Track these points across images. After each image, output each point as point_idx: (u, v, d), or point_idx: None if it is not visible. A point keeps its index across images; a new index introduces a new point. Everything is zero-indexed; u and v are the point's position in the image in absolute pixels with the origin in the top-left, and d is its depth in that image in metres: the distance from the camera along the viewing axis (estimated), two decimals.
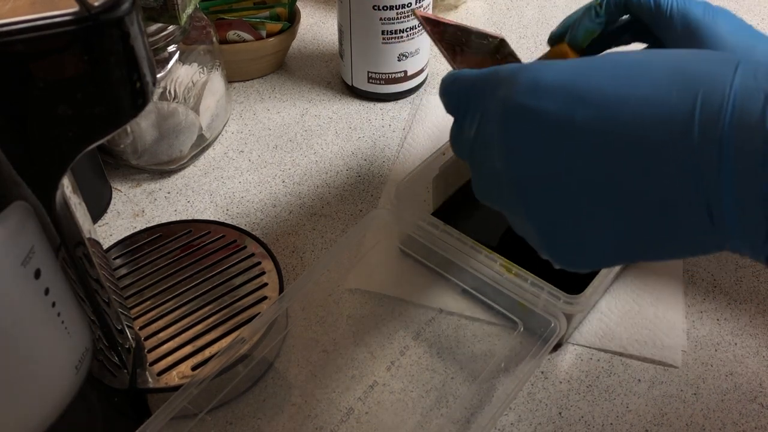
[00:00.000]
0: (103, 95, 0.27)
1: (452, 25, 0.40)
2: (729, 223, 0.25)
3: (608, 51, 0.43)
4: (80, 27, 0.25)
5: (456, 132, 0.33)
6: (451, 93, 0.33)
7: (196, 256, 0.49)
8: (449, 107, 0.34)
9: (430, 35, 0.40)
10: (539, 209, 0.29)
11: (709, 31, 0.36)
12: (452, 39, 0.40)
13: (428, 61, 0.67)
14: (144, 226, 0.52)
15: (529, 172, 0.28)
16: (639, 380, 0.44)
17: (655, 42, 0.42)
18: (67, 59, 0.25)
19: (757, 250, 0.25)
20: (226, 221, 0.54)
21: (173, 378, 0.41)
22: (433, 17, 0.40)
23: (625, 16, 0.43)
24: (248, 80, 0.69)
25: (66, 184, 0.31)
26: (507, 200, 0.31)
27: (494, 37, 0.41)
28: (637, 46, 0.42)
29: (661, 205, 0.26)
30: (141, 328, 0.44)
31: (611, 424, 0.42)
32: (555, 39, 0.44)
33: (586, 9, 0.42)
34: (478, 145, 0.31)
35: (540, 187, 0.28)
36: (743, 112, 0.24)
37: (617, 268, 0.45)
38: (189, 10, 0.51)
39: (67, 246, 0.31)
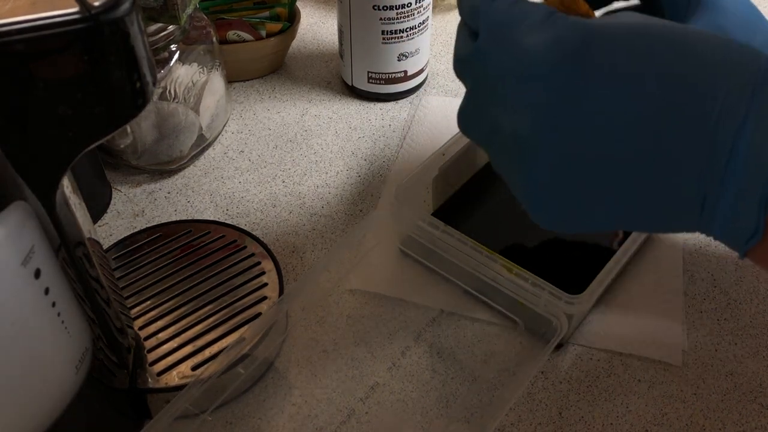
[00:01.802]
0: (103, 95, 0.27)
1: None
2: (719, 216, 0.26)
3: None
4: (80, 27, 0.25)
5: (475, 48, 0.31)
6: (490, 2, 0.31)
7: (196, 256, 0.49)
8: (479, 16, 0.31)
9: None
10: (549, 164, 0.29)
11: (715, 5, 0.36)
12: None
13: (428, 61, 0.67)
14: (144, 226, 0.52)
15: (559, 120, 0.28)
16: (639, 380, 0.44)
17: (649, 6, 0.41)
18: (67, 59, 0.25)
19: (735, 245, 0.27)
20: (226, 221, 0.54)
21: (173, 378, 0.41)
22: None
23: None
24: (248, 80, 0.69)
25: (66, 184, 0.31)
26: (511, 142, 0.30)
27: None
28: None
29: (664, 181, 0.27)
30: (141, 328, 0.44)
31: (611, 424, 0.42)
32: None
33: None
34: (498, 74, 0.30)
35: (562, 139, 0.28)
36: (761, 124, 0.25)
37: (618, 268, 0.45)
38: (189, 10, 0.51)
39: (67, 246, 0.31)
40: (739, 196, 0.25)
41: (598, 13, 0.40)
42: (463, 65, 0.33)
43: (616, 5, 0.43)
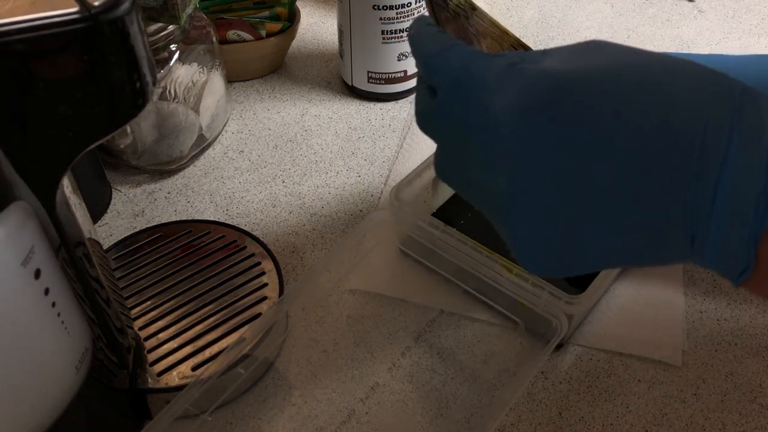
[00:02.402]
0: (103, 95, 0.27)
1: None
2: (708, 252, 0.26)
3: None
4: (80, 27, 0.25)
5: (436, 105, 0.30)
6: (443, 58, 0.29)
7: (196, 256, 0.49)
8: (434, 73, 0.30)
9: None
10: (529, 217, 0.28)
11: None
12: None
13: None
14: (144, 226, 0.52)
15: (534, 178, 0.27)
16: (639, 380, 0.44)
17: None
18: (67, 59, 0.25)
19: (728, 276, 0.26)
20: (226, 221, 0.54)
21: (173, 378, 0.41)
22: None
23: None
24: (248, 80, 0.68)
25: (66, 184, 0.31)
26: (493, 197, 0.29)
27: (468, 3, 0.36)
28: None
29: (650, 225, 0.26)
30: (141, 329, 0.44)
31: (611, 424, 0.41)
32: None
33: None
34: (463, 132, 0.29)
35: (537, 194, 0.27)
36: (742, 155, 0.24)
37: (618, 268, 0.45)
38: (189, 10, 0.51)
39: (67, 246, 0.31)
40: (727, 234, 0.25)
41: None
42: (425, 121, 0.31)
43: None
